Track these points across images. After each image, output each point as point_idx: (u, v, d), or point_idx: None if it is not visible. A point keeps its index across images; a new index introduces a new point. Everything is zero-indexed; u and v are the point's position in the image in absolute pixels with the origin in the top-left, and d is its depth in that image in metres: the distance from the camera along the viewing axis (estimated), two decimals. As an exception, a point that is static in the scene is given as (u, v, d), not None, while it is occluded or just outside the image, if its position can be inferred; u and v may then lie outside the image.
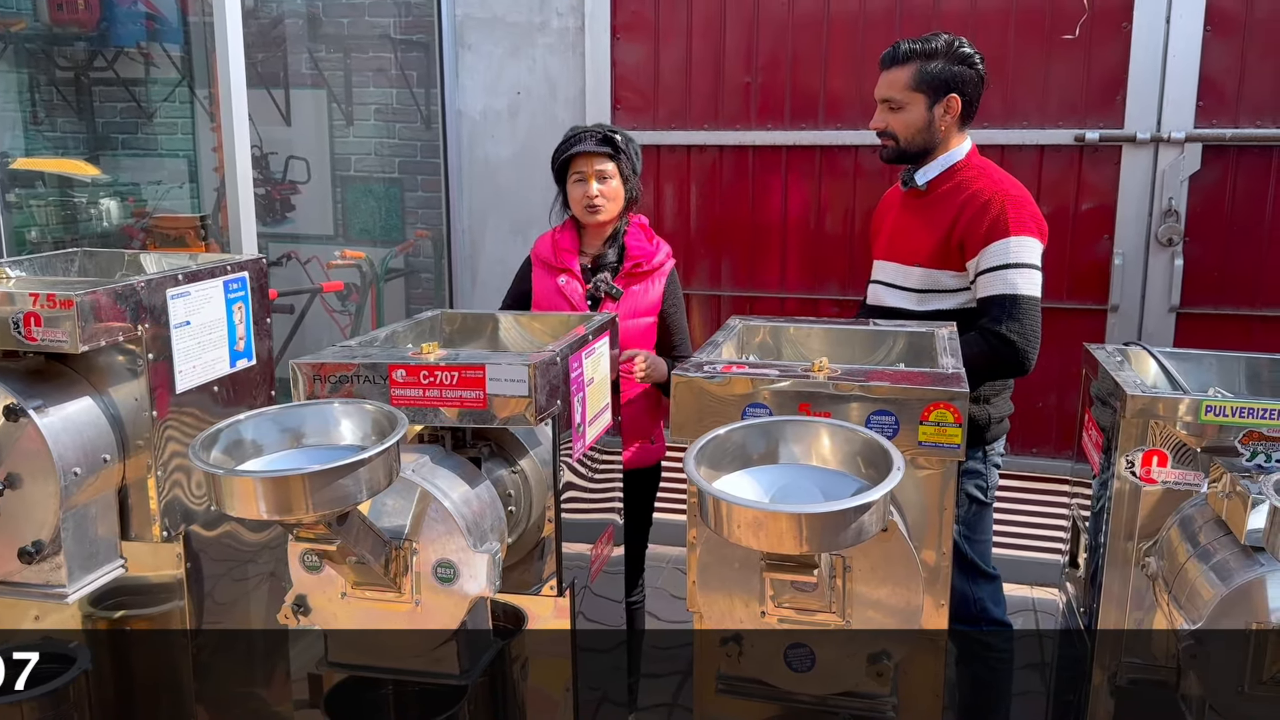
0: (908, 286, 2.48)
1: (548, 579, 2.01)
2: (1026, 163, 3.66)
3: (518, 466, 2.00)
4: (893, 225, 2.59)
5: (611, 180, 2.68)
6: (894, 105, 2.44)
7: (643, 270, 2.73)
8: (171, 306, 2.08)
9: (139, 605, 2.27)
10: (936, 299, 2.44)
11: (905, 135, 2.45)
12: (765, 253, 3.95)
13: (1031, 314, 2.30)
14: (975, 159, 2.48)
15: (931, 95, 2.41)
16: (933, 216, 2.44)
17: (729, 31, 3.85)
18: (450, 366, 1.78)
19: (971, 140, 2.50)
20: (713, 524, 1.36)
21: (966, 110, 2.45)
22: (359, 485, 1.42)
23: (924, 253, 2.44)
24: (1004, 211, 2.32)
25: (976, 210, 2.35)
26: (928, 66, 2.40)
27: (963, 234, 2.36)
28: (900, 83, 2.42)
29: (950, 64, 2.40)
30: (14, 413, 1.90)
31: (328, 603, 1.73)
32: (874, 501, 1.30)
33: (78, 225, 4.53)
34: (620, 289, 2.69)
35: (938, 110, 2.42)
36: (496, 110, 4.17)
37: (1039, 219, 2.37)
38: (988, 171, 2.44)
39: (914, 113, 2.43)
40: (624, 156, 2.70)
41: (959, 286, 2.41)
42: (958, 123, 2.45)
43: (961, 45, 2.41)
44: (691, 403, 1.68)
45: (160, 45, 4.81)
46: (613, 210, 2.71)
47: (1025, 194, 2.40)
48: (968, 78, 2.42)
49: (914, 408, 1.57)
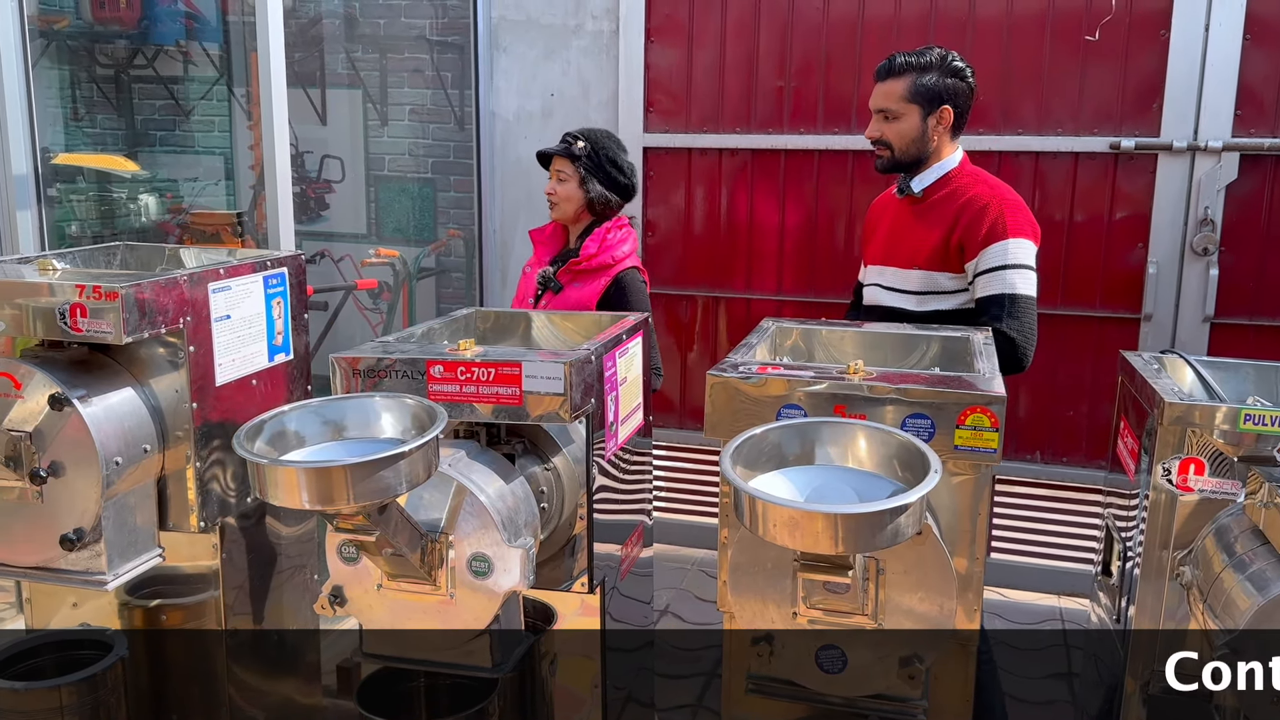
0: (906, 289, 2.57)
1: (578, 576, 2.03)
2: (1060, 170, 3.65)
3: (551, 463, 2.01)
4: (888, 231, 2.69)
5: (567, 181, 2.90)
6: (889, 115, 2.55)
7: (583, 269, 2.86)
8: (213, 300, 2.11)
9: (174, 594, 2.30)
10: (935, 300, 2.53)
11: (900, 145, 2.56)
12: (796, 257, 3.95)
13: (1029, 312, 2.40)
14: (968, 166, 2.60)
15: (925, 106, 2.52)
16: (930, 221, 2.54)
17: (763, 35, 3.86)
18: (487, 363, 1.80)
19: (963, 149, 2.61)
20: (748, 523, 1.37)
21: (958, 121, 2.56)
22: (399, 478, 1.44)
23: (922, 256, 2.53)
24: (1002, 215, 2.43)
25: (975, 214, 2.45)
26: (922, 79, 2.51)
27: (962, 237, 2.46)
28: (895, 94, 2.53)
29: (943, 77, 2.51)
30: (59, 402, 1.94)
31: (363, 594, 1.75)
32: (911, 503, 1.31)
33: (115, 220, 4.60)
34: (560, 283, 2.87)
35: (931, 121, 2.52)
36: (530, 112, 4.20)
37: (1034, 223, 2.49)
38: (982, 177, 2.56)
39: (908, 123, 2.53)
40: (584, 162, 2.88)
41: (957, 288, 2.51)
42: (949, 133, 2.56)
43: (954, 59, 2.53)
44: (726, 403, 1.69)
45: (199, 44, 4.88)
46: (567, 209, 2.92)
47: (1019, 200, 2.51)
48: (960, 90, 2.53)
49: (950, 411, 1.58)
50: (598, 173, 2.90)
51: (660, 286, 4.12)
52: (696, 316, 4.12)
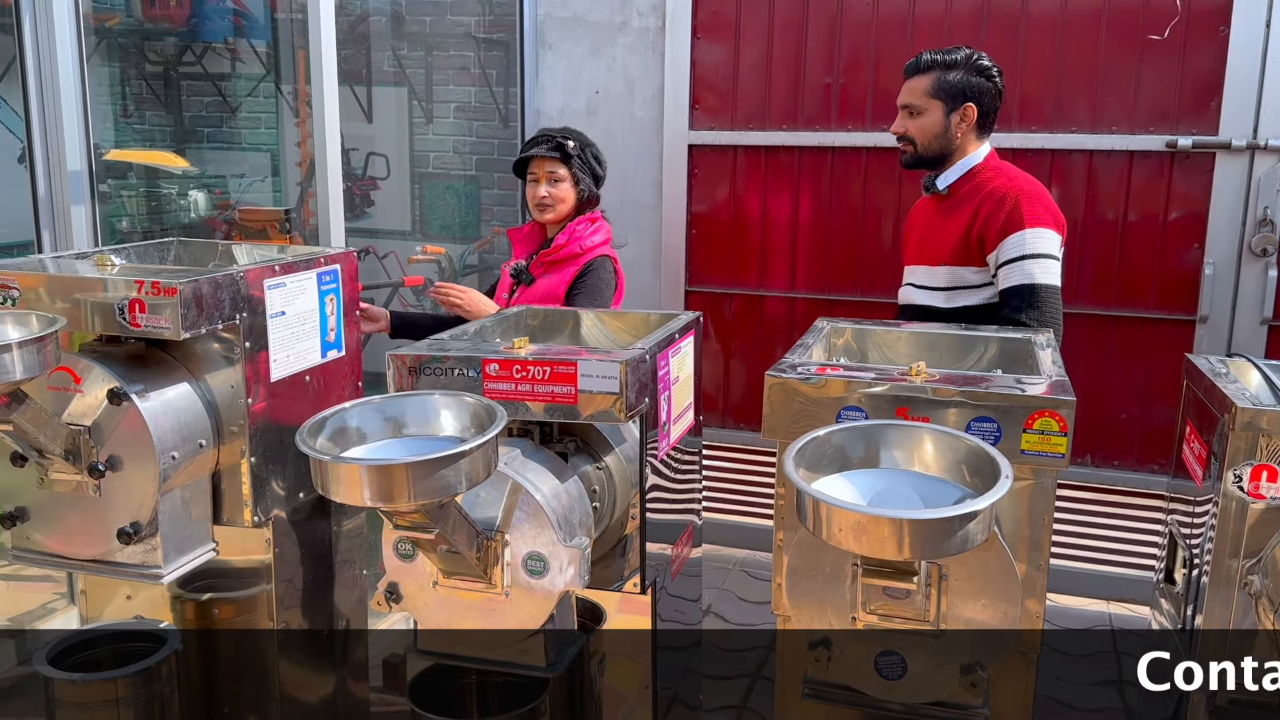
0: (935, 286, 2.60)
1: (629, 576, 2.02)
2: (1114, 169, 3.59)
3: (603, 463, 2.01)
4: (920, 230, 2.72)
5: (562, 183, 2.87)
6: (913, 111, 2.59)
7: (554, 259, 2.87)
8: (269, 297, 2.12)
9: (226, 588, 2.32)
10: (962, 295, 2.55)
11: (922, 140, 2.60)
12: (844, 255, 3.91)
13: (1050, 301, 2.41)
14: (993, 162, 2.60)
15: (949, 103, 2.56)
16: (954, 217, 2.56)
17: (811, 32, 3.83)
18: (543, 361, 1.79)
19: (990, 146, 2.61)
20: (811, 526, 1.35)
21: (983, 119, 2.58)
22: (459, 476, 1.43)
23: (947, 251, 2.56)
24: (1018, 206, 2.45)
25: (993, 206, 2.48)
26: (947, 76, 2.55)
27: (981, 230, 2.48)
28: (920, 90, 2.57)
29: (969, 75, 2.55)
30: (117, 396, 1.96)
31: (419, 591, 1.75)
32: (981, 510, 1.29)
33: (164, 216, 4.65)
34: (532, 275, 2.88)
35: (954, 118, 2.56)
36: (575, 109, 4.19)
37: (1054, 212, 2.49)
38: (1004, 171, 2.57)
39: (931, 119, 2.57)
40: (576, 161, 2.86)
41: (982, 282, 2.52)
42: (974, 130, 2.58)
43: (980, 58, 2.56)
44: (785, 404, 1.67)
45: (247, 41, 4.92)
46: (562, 210, 2.90)
47: (1040, 190, 2.52)
48: (985, 89, 2.56)
49: (1018, 415, 1.55)
50: (587, 170, 2.89)
51: (704, 284, 4.11)
52: (740, 315, 4.09)
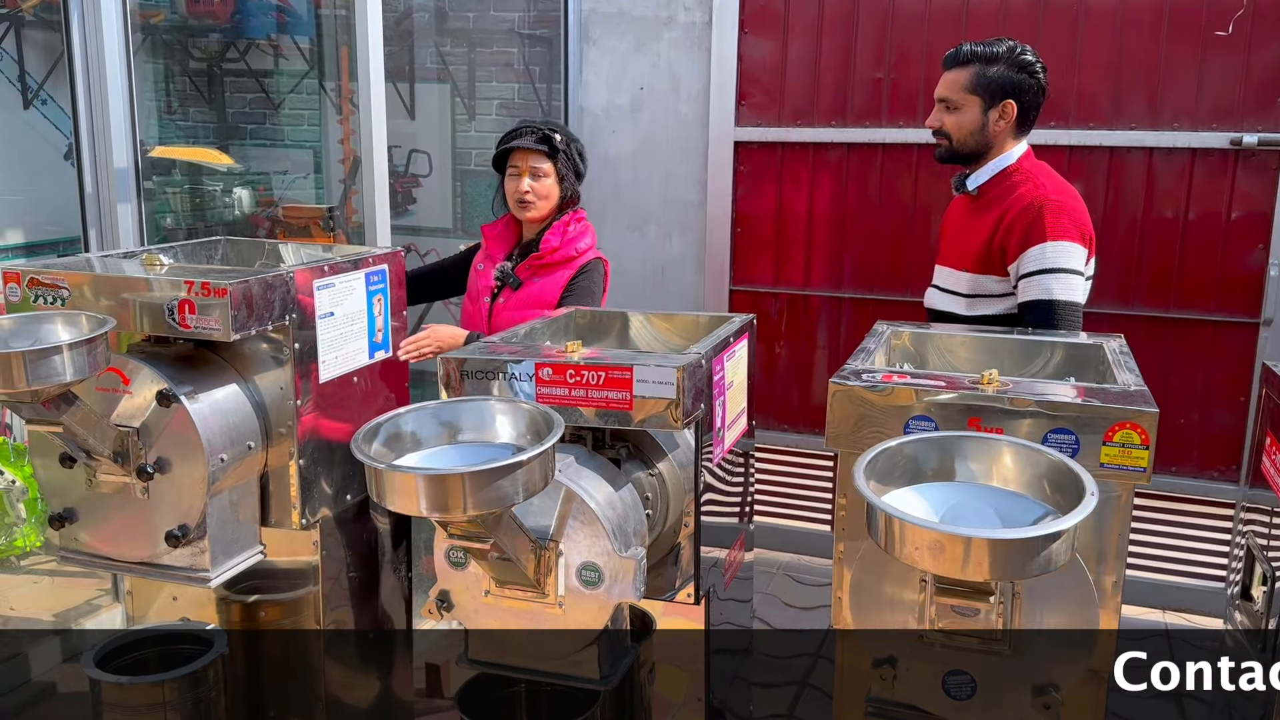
0: (957, 291, 2.51)
1: (681, 585, 1.97)
2: (1175, 167, 3.48)
3: (655, 469, 1.96)
4: (951, 231, 2.62)
5: (546, 179, 2.71)
6: (950, 105, 2.49)
7: (545, 263, 2.72)
8: (318, 297, 2.09)
9: (272, 590, 2.30)
10: (984, 304, 2.46)
11: (958, 136, 2.50)
12: (893, 254, 3.83)
13: (1068, 318, 2.30)
14: (1028, 163, 2.49)
15: (988, 99, 2.45)
16: (980, 220, 2.46)
17: (861, 26, 3.75)
18: (597, 366, 1.75)
19: (1028, 145, 2.50)
20: (883, 542, 1.30)
21: (1023, 117, 2.47)
22: (517, 487, 1.39)
23: (970, 257, 2.46)
24: (1041, 216, 2.34)
25: (1016, 214, 2.37)
26: (987, 70, 2.44)
27: (1003, 239, 2.38)
28: (958, 84, 2.47)
29: (1010, 70, 2.44)
30: (166, 398, 1.94)
31: (471, 600, 1.72)
32: (1066, 530, 1.22)
33: (207, 213, 4.66)
34: (519, 279, 2.71)
35: (993, 114, 2.45)
36: (619, 106, 4.15)
37: (1081, 224, 2.37)
38: (1035, 175, 2.45)
39: (968, 114, 2.47)
40: (562, 156, 2.71)
41: (1004, 292, 2.43)
42: (1013, 129, 2.47)
43: (1024, 52, 2.44)
44: (850, 412, 1.61)
45: (290, 37, 4.92)
46: (544, 208, 2.74)
47: (1068, 199, 2.40)
48: (1027, 85, 2.45)
49: (1098, 427, 1.48)
50: (571, 167, 2.75)
51: (748, 283, 4.04)
52: (785, 315, 4.03)
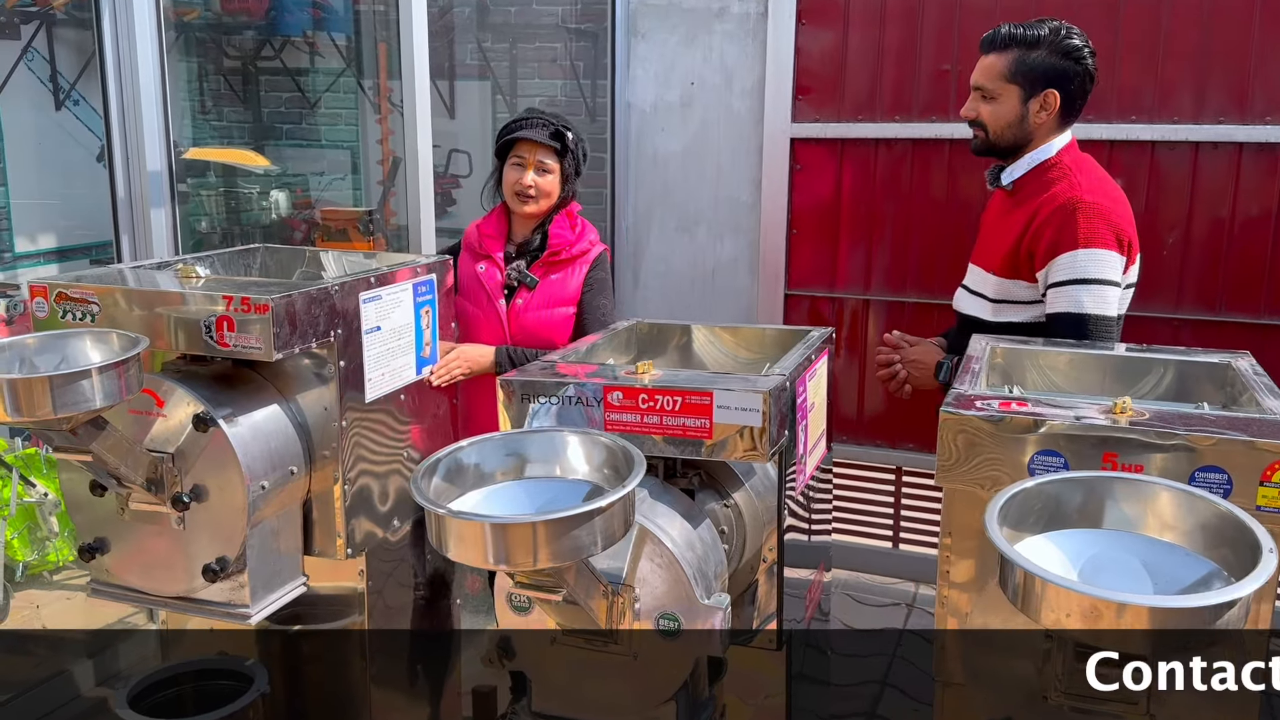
0: (984, 294, 2.30)
1: (760, 626, 1.81)
2: (1263, 162, 3.26)
3: (731, 499, 1.80)
4: (987, 227, 2.42)
5: (551, 175, 2.57)
6: (987, 94, 2.24)
7: (561, 259, 2.58)
8: (364, 311, 1.94)
9: (315, 619, 2.17)
10: (1010, 310, 2.24)
11: (995, 128, 2.25)
12: (962, 256, 3.62)
13: (1100, 333, 2.09)
14: (1068, 157, 2.23)
15: (1028, 88, 2.20)
16: (1012, 218, 2.25)
17: (926, 14, 3.55)
18: (673, 390, 1.59)
19: (1071, 135, 2.25)
20: (1019, 602, 1.13)
21: (1067, 107, 2.21)
22: (594, 536, 1.24)
23: (999, 260, 2.25)
24: (1074, 219, 2.10)
25: (1046, 218, 2.14)
26: (1028, 56, 2.18)
27: (1031, 243, 2.16)
28: (996, 71, 2.22)
29: (1053, 56, 2.18)
30: (203, 421, 1.80)
31: (535, 648, 1.56)
32: (1241, 598, 1.05)
33: (242, 216, 4.55)
34: (536, 278, 2.57)
35: (1032, 105, 2.20)
36: (668, 102, 3.97)
37: (1119, 228, 2.12)
38: (1074, 171, 2.20)
39: (1006, 105, 2.22)
40: (570, 156, 2.58)
41: (1033, 299, 2.21)
42: (1055, 120, 2.21)
43: (1069, 36, 2.18)
44: (963, 444, 1.44)
45: (327, 34, 4.80)
46: (543, 206, 2.59)
47: (1106, 200, 2.15)
48: (1072, 73, 2.19)
49: (1255, 464, 1.30)
50: (574, 167, 2.61)
51: (805, 288, 3.86)
52: (843, 320, 3.84)
